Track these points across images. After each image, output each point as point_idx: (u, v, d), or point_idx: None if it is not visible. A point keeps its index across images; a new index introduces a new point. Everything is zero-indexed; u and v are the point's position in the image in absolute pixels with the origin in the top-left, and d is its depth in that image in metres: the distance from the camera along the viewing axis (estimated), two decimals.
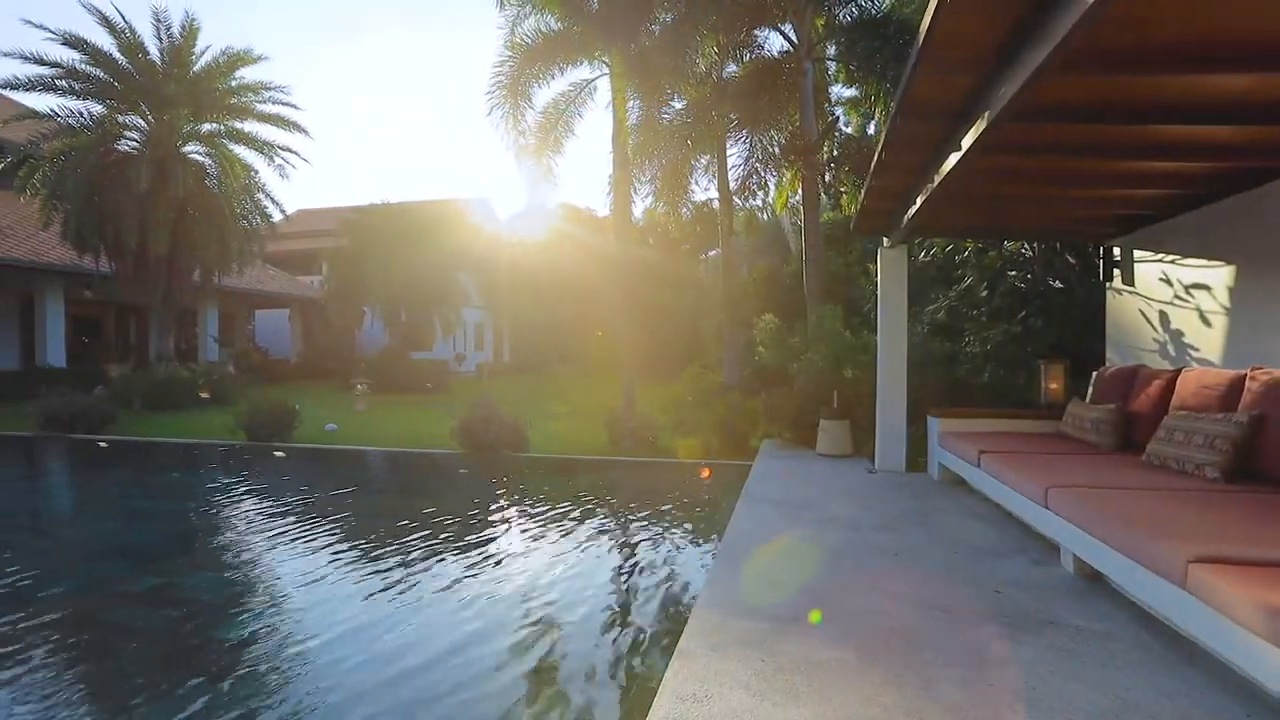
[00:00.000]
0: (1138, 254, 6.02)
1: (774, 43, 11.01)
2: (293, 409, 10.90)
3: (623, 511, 6.59)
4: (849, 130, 13.43)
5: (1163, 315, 5.62)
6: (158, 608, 3.99)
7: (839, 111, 13.20)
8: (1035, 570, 3.74)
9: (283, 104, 15.85)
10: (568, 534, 5.61)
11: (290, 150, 15.98)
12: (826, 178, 10.10)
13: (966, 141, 3.79)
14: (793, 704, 2.34)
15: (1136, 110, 3.61)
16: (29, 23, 13.53)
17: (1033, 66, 2.75)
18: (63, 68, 14.02)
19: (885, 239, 6.93)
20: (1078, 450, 4.90)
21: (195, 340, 22.24)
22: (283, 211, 16.73)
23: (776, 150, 10.66)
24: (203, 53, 15.01)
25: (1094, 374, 5.72)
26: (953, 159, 4.07)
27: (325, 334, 26.01)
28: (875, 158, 4.81)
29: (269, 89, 15.60)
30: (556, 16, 10.56)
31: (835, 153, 10.12)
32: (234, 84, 15.35)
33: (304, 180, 78.80)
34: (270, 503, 6.97)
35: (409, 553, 5.04)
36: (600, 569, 4.85)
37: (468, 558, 4.99)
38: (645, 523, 6.12)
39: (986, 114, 3.38)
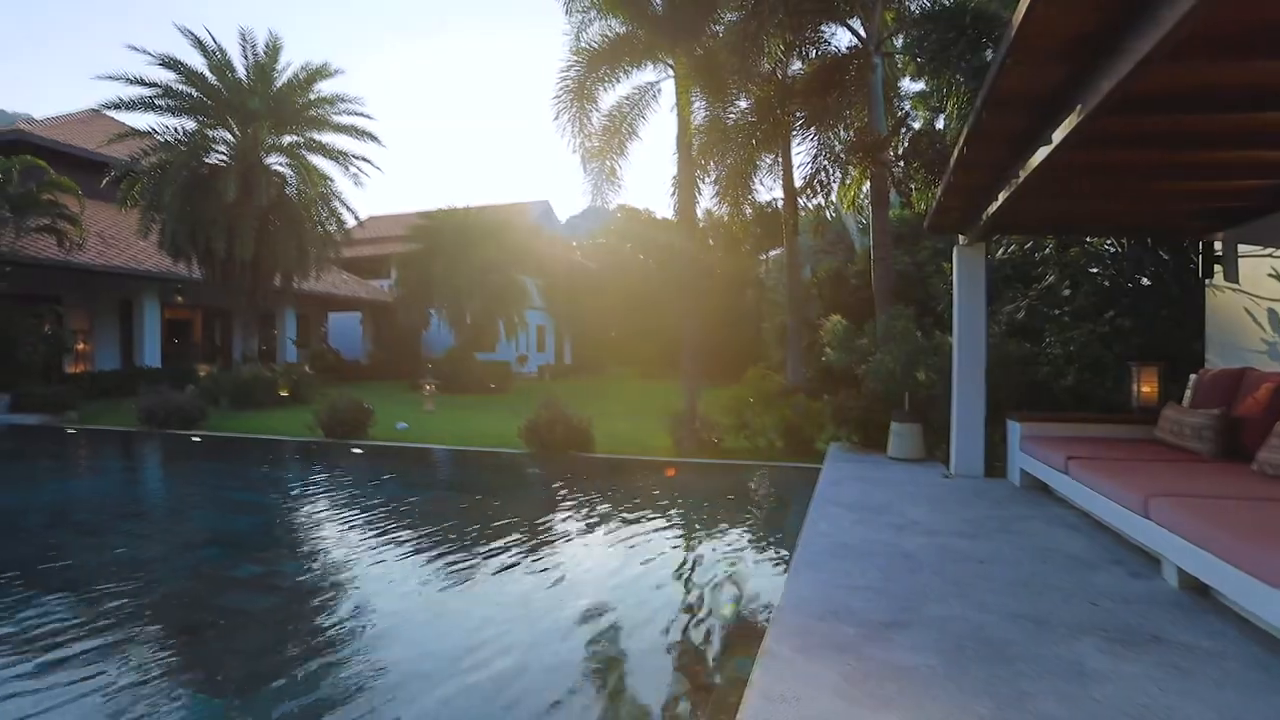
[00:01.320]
0: (1243, 249, 5.66)
1: (841, 38, 10.83)
2: (367, 408, 11.34)
3: (694, 512, 6.60)
4: (917, 125, 13.07)
5: (1272, 314, 5.26)
6: (262, 593, 4.23)
7: (907, 106, 12.85)
8: (1134, 583, 3.56)
9: (357, 114, 16.54)
10: (641, 533, 5.65)
11: (364, 159, 16.65)
12: (895, 175, 9.84)
13: (1058, 135, 3.65)
14: (885, 710, 2.31)
15: (1247, 96, 3.41)
16: (132, 48, 14.52)
17: (1137, 56, 2.64)
18: (160, 87, 14.98)
19: (961, 237, 6.73)
20: (1177, 457, 4.64)
21: (275, 342, 23.37)
22: (356, 218, 17.42)
23: (843, 148, 10.47)
24: (284, 69, 15.81)
25: (1192, 376, 5.41)
26: (1042, 153, 3.93)
27: (394, 336, 26.94)
28: (955, 153, 4.67)
29: (344, 100, 16.30)
30: (620, 20, 10.66)
31: (904, 149, 9.85)
32: (312, 97, 16.08)
33: (375, 186, 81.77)
34: (355, 498, 7.28)
35: (493, 547, 5.18)
36: (676, 568, 4.87)
37: (541, 554, 5.09)
38: (717, 523, 6.11)
39: (1081, 106, 3.25)
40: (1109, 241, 8.07)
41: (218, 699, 2.88)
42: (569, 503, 7.07)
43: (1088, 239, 8.22)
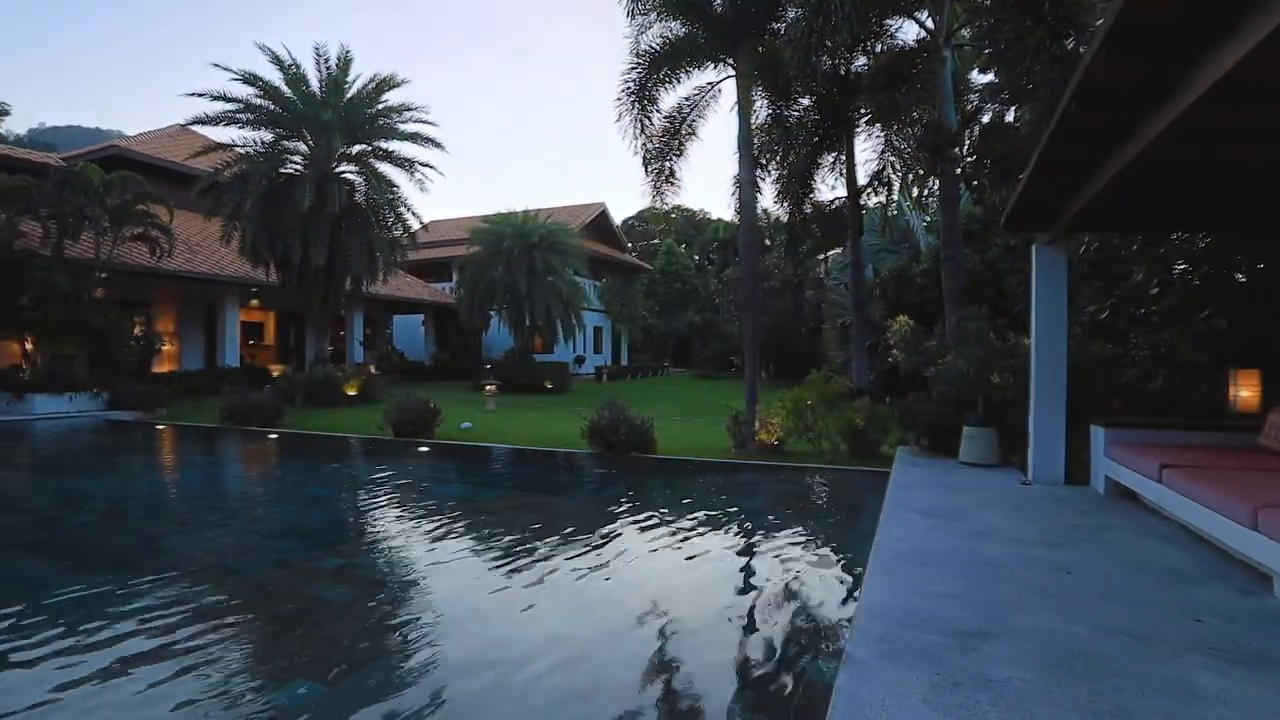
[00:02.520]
0: None
1: (907, 31, 10.55)
2: (434, 408, 11.66)
3: (761, 514, 6.55)
4: (986, 119, 12.63)
5: None
6: (344, 584, 4.40)
7: (976, 99, 12.43)
8: (1243, 600, 3.36)
9: (421, 122, 17.05)
10: (709, 534, 5.65)
11: (428, 165, 17.14)
12: (966, 170, 9.54)
13: (1155, 128, 3.49)
14: None
15: None
16: (216, 65, 15.35)
17: (1252, 41, 2.49)
18: (241, 102, 15.78)
19: (1040, 235, 6.47)
20: None
21: (343, 343, 24.29)
22: (421, 222, 17.94)
23: (910, 144, 10.20)
24: (354, 80, 16.41)
25: None
26: (1135, 147, 3.75)
27: (455, 337, 27.65)
28: (1039, 148, 4.50)
29: (410, 109, 16.82)
30: (681, 21, 10.67)
31: (975, 143, 9.54)
32: (380, 107, 16.65)
33: (437, 190, 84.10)
34: (427, 495, 7.50)
35: (563, 545, 5.26)
36: (747, 570, 4.84)
37: (610, 554, 5.13)
38: (784, 526, 6.05)
39: (1185, 96, 3.09)
40: (1200, 237, 7.63)
41: (316, 682, 3.01)
42: (636, 504, 7.11)
43: (1174, 234, 7.79)
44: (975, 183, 9.67)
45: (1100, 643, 2.86)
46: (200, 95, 15.36)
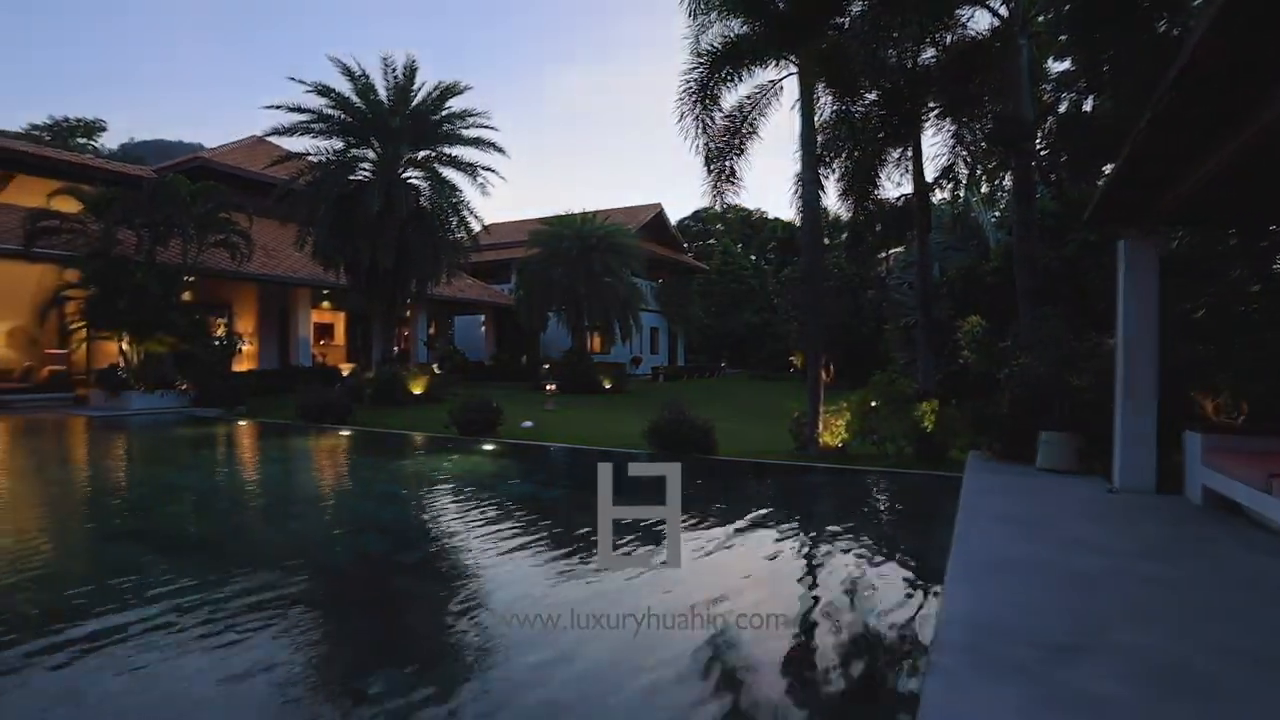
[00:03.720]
0: None
1: (979, 20, 10.15)
2: (496, 407, 11.89)
3: (828, 518, 6.44)
4: (1063, 109, 12.07)
5: None
6: (425, 580, 4.53)
7: (1051, 89, 11.90)
8: None
9: (483, 127, 17.40)
10: (777, 538, 5.58)
11: (490, 169, 17.49)
12: (1041, 164, 9.14)
13: (1265, 114, 3.26)
14: None
15: None
16: (292, 79, 16.04)
17: None
18: (314, 113, 16.45)
19: (1129, 230, 6.14)
20: None
21: (407, 343, 25.05)
22: (482, 225, 18.34)
23: (982, 137, 9.82)
24: (419, 88, 16.88)
25: None
26: (1241, 135, 3.52)
27: (514, 337, 28.15)
28: (1132, 139, 4.27)
29: (472, 114, 17.19)
30: (741, 20, 10.58)
31: (1053, 136, 9.13)
32: (444, 113, 17.09)
33: (496, 192, 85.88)
34: (495, 492, 7.65)
35: (632, 543, 5.28)
36: (818, 574, 4.75)
37: (681, 559, 5.12)
38: (854, 531, 5.92)
39: None
40: None
41: (400, 670, 3.11)
42: (701, 505, 7.08)
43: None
44: (1052, 176, 9.24)
45: (1212, 663, 2.69)
46: (277, 107, 16.09)
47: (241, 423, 13.92)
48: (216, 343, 17.52)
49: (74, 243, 15.04)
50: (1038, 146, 9.29)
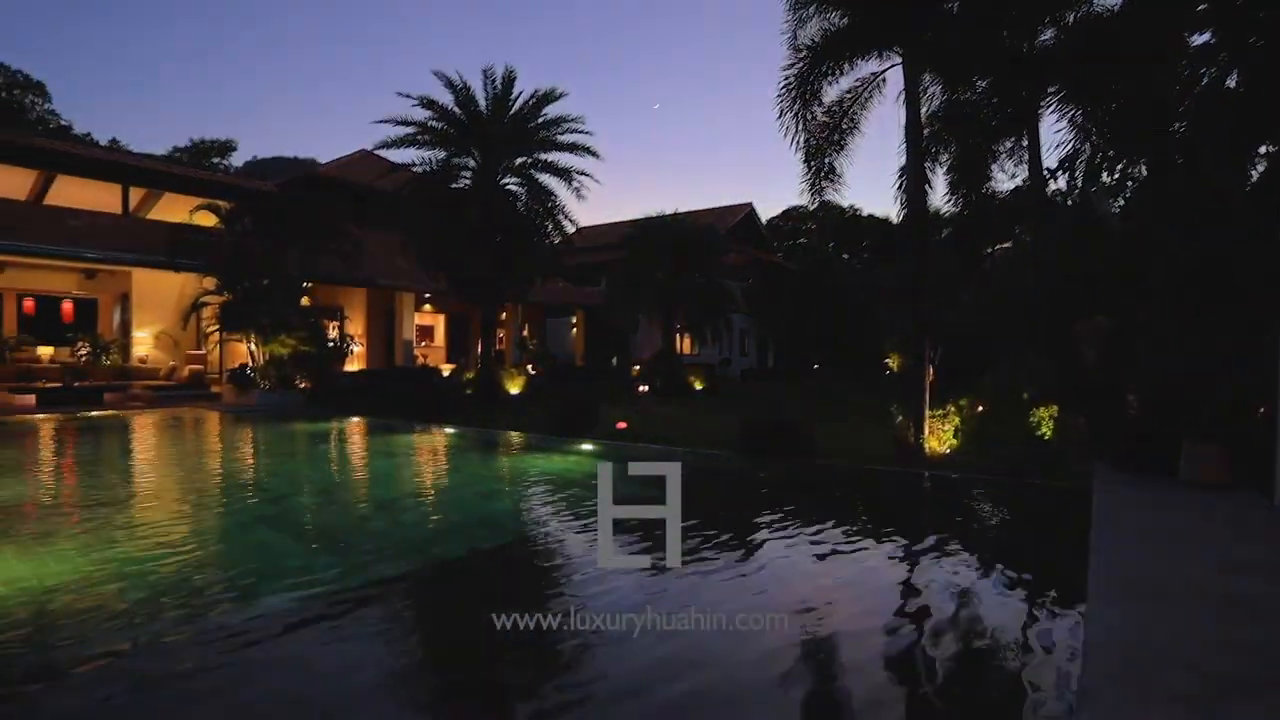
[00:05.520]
0: None
1: None
2: (592, 408, 12.07)
3: (947, 528, 6.12)
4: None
5: None
6: (534, 572, 4.65)
7: (1188, 65, 10.83)
8: None
9: (578, 132, 17.74)
10: (893, 551, 5.36)
11: (585, 174, 17.81)
12: (1183, 147, 8.34)
13: None
14: None
15: None
16: (400, 94, 17.01)
17: None
18: (418, 125, 17.29)
19: None
20: None
21: (505, 344, 25.90)
22: (576, 227, 18.71)
23: (1110, 121, 9.06)
24: (517, 96, 17.40)
25: None
26: None
27: (604, 339, 28.56)
28: None
29: (568, 120, 17.56)
30: (840, 12, 10.27)
31: (1194, 115, 8.30)
32: (540, 120, 17.54)
33: (589, 194, 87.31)
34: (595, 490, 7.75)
35: (734, 545, 5.22)
36: (947, 588, 4.49)
37: (777, 565, 5.01)
38: (976, 543, 5.61)
39: None
40: None
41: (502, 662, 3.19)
42: (801, 513, 6.91)
43: None
44: (1185, 159, 8.41)
45: None
46: (385, 121, 17.03)
47: (353, 419, 14.77)
48: (330, 344, 18.74)
49: (211, 253, 16.47)
50: (1176, 128, 8.48)
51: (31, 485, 7.75)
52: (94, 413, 14.76)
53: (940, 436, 9.59)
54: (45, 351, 18.65)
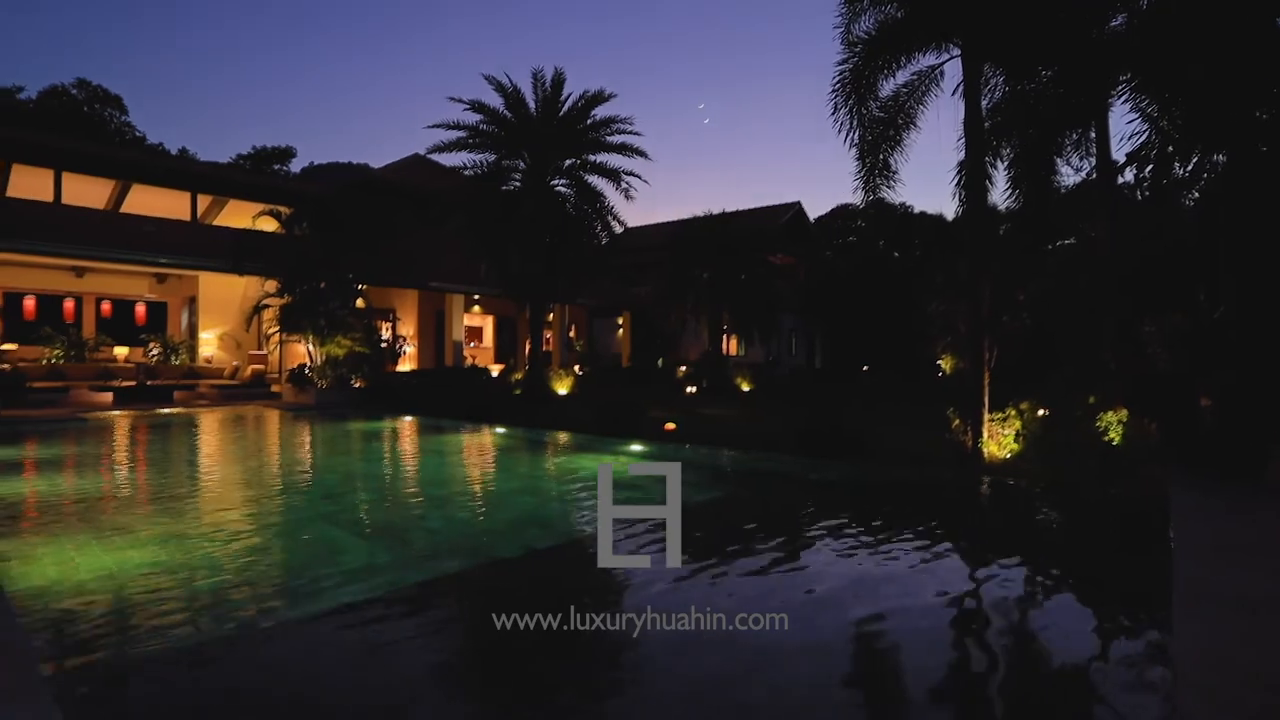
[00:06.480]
0: None
1: None
2: (640, 408, 12.06)
3: (1012, 537, 5.91)
4: None
5: None
6: (580, 572, 4.65)
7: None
8: None
9: (627, 133, 17.78)
10: (956, 557, 5.19)
11: (633, 174, 17.85)
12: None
13: None
14: None
15: None
16: (451, 98, 17.27)
17: None
18: (469, 128, 17.58)
19: None
20: None
21: (553, 345, 26.15)
22: (624, 228, 18.77)
23: (1185, 110, 8.58)
24: (567, 98, 17.53)
25: None
26: None
27: (651, 338, 28.56)
28: None
29: (617, 121, 17.62)
30: (896, 4, 10.02)
31: None
32: (589, 122, 17.64)
33: (636, 195, 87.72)
34: (651, 492, 7.74)
35: (778, 561, 5.14)
36: (1023, 600, 4.31)
37: (833, 573, 4.90)
38: (1046, 554, 5.38)
39: None
40: None
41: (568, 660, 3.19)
42: (861, 517, 6.75)
43: None
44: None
45: None
46: (436, 126, 17.35)
47: (406, 418, 15.10)
48: (383, 345, 19.24)
49: (273, 257, 17.09)
50: (1260, 115, 7.99)
51: (115, 479, 8.16)
52: (165, 410, 15.48)
53: (1000, 441, 9.25)
54: (121, 352, 19.67)
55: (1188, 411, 9.34)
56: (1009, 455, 9.14)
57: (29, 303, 19.61)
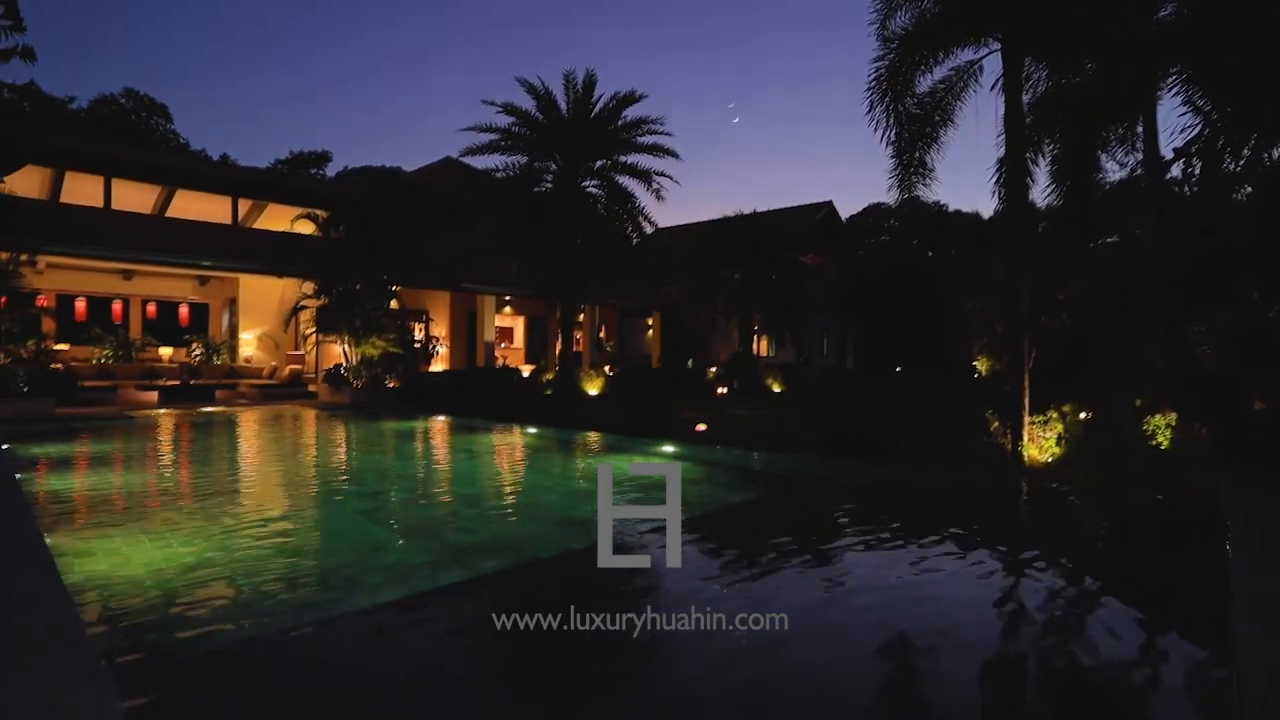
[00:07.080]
0: None
1: None
2: (671, 409, 12.05)
3: (1059, 543, 5.75)
4: None
5: None
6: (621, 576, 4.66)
7: None
8: None
9: (658, 134, 17.77)
10: (1003, 565, 5.08)
11: (664, 175, 17.83)
12: None
13: None
14: None
15: None
16: (484, 101, 17.46)
17: None
18: (501, 130, 17.75)
19: None
20: None
21: (582, 346, 26.26)
22: (654, 228, 18.76)
23: (1233, 103, 8.27)
24: (598, 99, 17.59)
25: None
26: None
27: (682, 339, 28.52)
28: None
29: (648, 122, 17.62)
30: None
31: None
32: (620, 123, 17.68)
33: (667, 195, 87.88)
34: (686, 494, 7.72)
35: (815, 563, 5.08)
36: (1073, 610, 4.20)
37: (879, 581, 4.83)
38: (1096, 562, 5.24)
39: None
40: None
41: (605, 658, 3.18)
42: (895, 523, 6.65)
43: None
44: None
45: None
46: (469, 129, 17.57)
47: (439, 418, 15.29)
48: (417, 345, 19.52)
49: (311, 259, 17.46)
50: None
51: (162, 475, 8.41)
52: (207, 408, 15.92)
53: (1041, 444, 9.03)
54: (165, 352, 20.28)
55: (1239, 413, 9.03)
56: (1050, 459, 8.91)
57: (80, 304, 20.35)
